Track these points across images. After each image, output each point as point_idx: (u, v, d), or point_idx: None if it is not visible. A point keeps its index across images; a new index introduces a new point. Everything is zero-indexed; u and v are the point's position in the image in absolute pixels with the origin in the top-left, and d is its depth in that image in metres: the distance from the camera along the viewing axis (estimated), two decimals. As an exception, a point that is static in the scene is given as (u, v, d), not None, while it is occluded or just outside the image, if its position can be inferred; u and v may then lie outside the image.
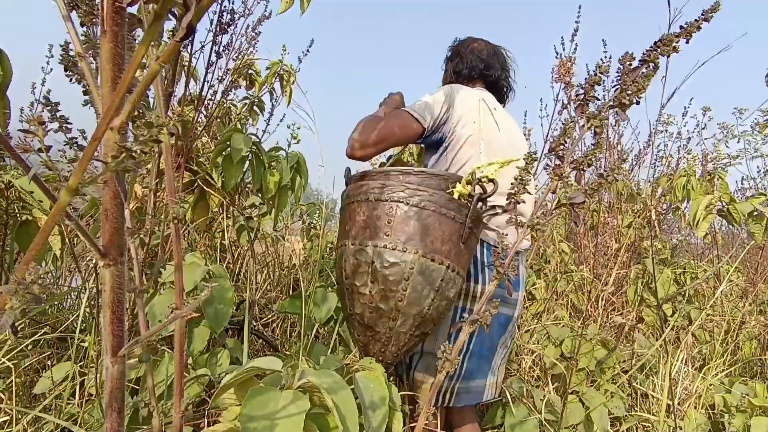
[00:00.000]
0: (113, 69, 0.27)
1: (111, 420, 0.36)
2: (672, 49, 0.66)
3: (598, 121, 0.67)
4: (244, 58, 1.86)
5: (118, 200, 0.30)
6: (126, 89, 0.23)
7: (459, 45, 1.41)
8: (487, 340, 1.28)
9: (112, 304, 0.33)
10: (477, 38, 1.41)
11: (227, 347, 1.42)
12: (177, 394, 0.48)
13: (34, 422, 1.11)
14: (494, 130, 1.26)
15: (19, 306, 0.25)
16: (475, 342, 1.26)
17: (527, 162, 0.77)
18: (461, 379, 1.25)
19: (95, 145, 0.24)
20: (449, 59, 1.42)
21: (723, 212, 1.88)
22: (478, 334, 1.24)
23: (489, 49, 1.38)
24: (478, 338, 1.26)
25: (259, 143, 1.54)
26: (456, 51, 1.40)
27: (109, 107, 0.23)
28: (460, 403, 1.26)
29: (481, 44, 1.38)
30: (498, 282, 0.69)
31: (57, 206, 0.24)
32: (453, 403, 1.25)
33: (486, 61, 1.36)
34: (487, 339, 1.28)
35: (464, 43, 1.40)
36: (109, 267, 0.32)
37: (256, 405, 0.53)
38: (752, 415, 1.76)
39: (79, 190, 0.24)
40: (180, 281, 0.48)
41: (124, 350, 0.34)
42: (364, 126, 1.21)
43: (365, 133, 1.19)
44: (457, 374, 1.25)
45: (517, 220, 0.72)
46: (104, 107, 0.27)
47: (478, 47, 1.37)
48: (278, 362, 0.60)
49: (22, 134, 0.25)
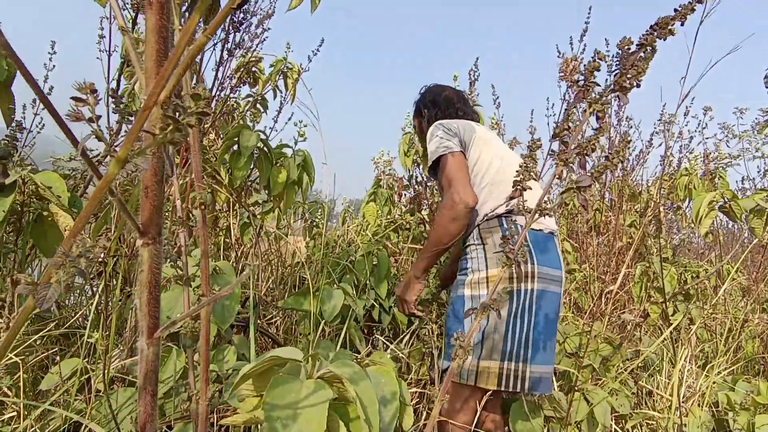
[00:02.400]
0: (158, 41, 0.27)
1: (145, 402, 0.35)
2: (668, 31, 0.66)
3: (600, 105, 0.68)
4: (248, 56, 1.85)
5: (158, 177, 0.30)
6: (178, 59, 0.23)
7: (433, 94, 1.70)
8: (543, 320, 1.32)
9: (149, 284, 0.32)
10: (444, 85, 1.74)
11: (233, 344, 1.42)
12: (203, 381, 0.47)
13: (40, 418, 1.11)
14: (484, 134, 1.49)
15: (66, 279, 0.25)
16: (538, 321, 1.30)
17: (531, 149, 0.77)
18: (532, 363, 1.29)
19: (146, 116, 0.24)
20: (426, 107, 1.68)
21: (725, 208, 1.88)
22: (536, 314, 1.30)
23: (455, 94, 1.71)
24: (537, 317, 1.30)
25: (266, 140, 1.53)
26: (432, 100, 1.68)
27: (160, 76, 0.23)
28: (537, 391, 1.30)
29: (450, 91, 1.71)
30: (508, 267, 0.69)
31: (106, 177, 0.24)
32: (528, 389, 1.29)
33: (455, 105, 1.67)
34: (542, 318, 1.32)
35: (436, 92, 1.70)
36: (147, 246, 0.31)
37: (279, 394, 0.53)
38: (756, 413, 1.76)
39: (128, 160, 0.24)
40: (206, 267, 0.47)
41: (161, 332, 0.34)
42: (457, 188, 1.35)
43: (461, 195, 1.33)
44: (524, 356, 1.28)
45: (524, 206, 0.73)
46: (150, 81, 0.27)
47: (449, 95, 1.68)
48: (298, 352, 0.60)
49: (73, 102, 0.24)
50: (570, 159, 0.59)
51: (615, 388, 1.76)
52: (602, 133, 0.61)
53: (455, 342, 0.64)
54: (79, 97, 0.24)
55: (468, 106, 1.70)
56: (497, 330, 1.28)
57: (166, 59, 0.26)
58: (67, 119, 0.24)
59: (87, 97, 0.25)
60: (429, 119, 1.65)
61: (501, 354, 1.28)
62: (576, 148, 0.60)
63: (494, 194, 1.37)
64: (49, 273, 0.25)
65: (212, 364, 1.23)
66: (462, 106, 1.67)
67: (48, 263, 0.24)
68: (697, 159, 2.89)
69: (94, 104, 0.25)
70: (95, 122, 0.24)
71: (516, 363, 1.28)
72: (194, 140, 0.45)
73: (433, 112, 1.65)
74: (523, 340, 1.29)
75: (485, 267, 1.33)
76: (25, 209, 1.10)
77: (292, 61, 2.08)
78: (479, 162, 1.42)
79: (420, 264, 1.45)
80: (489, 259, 1.33)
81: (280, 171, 1.59)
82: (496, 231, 1.35)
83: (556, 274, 1.36)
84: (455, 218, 1.32)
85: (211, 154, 1.59)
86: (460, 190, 1.33)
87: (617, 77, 0.60)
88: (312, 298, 1.53)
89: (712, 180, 2.77)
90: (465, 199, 1.31)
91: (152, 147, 0.25)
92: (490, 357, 1.28)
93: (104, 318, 1.30)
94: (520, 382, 1.28)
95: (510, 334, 1.28)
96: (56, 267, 0.24)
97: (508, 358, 1.28)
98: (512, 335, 1.28)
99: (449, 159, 1.39)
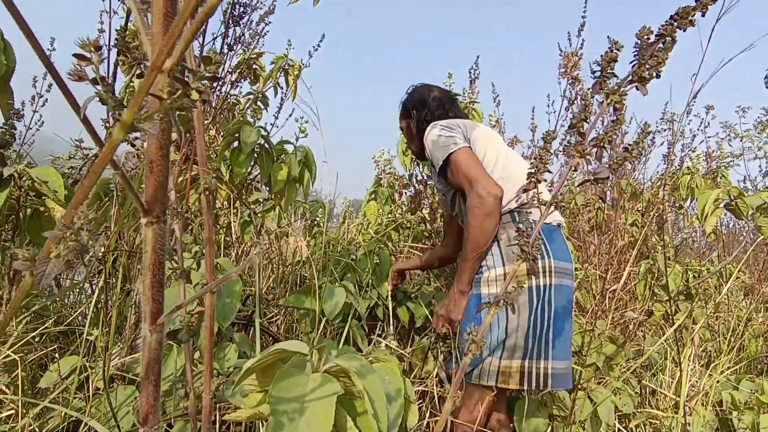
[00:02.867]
0: (166, 4, 0.25)
1: (147, 393, 0.34)
2: (689, 22, 0.65)
3: (617, 96, 0.66)
4: (248, 52, 1.84)
5: (164, 151, 0.28)
6: (189, 14, 0.21)
7: (421, 95, 1.63)
8: (561, 314, 1.30)
9: (153, 266, 0.31)
10: (431, 85, 1.67)
11: (234, 341, 1.40)
12: (207, 374, 0.46)
13: (39, 416, 1.09)
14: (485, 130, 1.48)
15: (66, 254, 0.23)
16: (556, 315, 1.28)
17: (546, 141, 0.76)
18: (553, 360, 1.27)
19: (153, 76, 0.22)
20: (415, 108, 1.61)
21: (731, 206, 1.87)
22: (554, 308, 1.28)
23: (444, 94, 1.65)
24: (556, 312, 1.29)
25: (267, 136, 1.52)
26: (421, 100, 1.61)
27: (170, 34, 0.21)
28: (559, 387, 1.29)
29: (438, 92, 1.64)
30: (522, 261, 0.68)
31: (110, 143, 0.22)
32: (550, 386, 1.27)
33: (445, 106, 1.60)
34: (560, 313, 1.30)
35: (425, 92, 1.63)
36: (151, 225, 0.30)
37: (285, 387, 0.51)
38: (760, 413, 1.75)
39: (134, 126, 0.22)
40: (210, 255, 0.46)
41: (164, 318, 0.32)
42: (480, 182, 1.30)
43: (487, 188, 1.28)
44: (545, 353, 1.27)
45: (539, 198, 0.71)
46: (156, 47, 0.26)
47: (438, 95, 1.61)
48: (304, 346, 0.58)
49: (75, 60, 0.22)
50: (587, 151, 0.57)
51: (618, 387, 1.74)
52: (619, 125, 0.59)
53: (468, 336, 0.62)
54: (82, 55, 0.23)
55: (457, 107, 1.65)
56: (520, 327, 1.26)
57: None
58: (69, 79, 0.22)
59: (91, 56, 0.23)
60: (419, 121, 1.59)
61: (523, 352, 1.26)
62: (593, 139, 0.58)
63: (504, 189, 1.33)
64: (48, 248, 0.23)
65: (213, 362, 1.21)
66: (451, 107, 1.62)
67: (49, 235, 0.22)
68: (700, 158, 2.88)
69: (98, 63, 0.23)
70: (99, 84, 0.23)
71: (537, 360, 1.26)
72: (199, 122, 0.43)
73: (423, 113, 1.59)
74: (544, 337, 1.27)
75: (501, 263, 1.31)
76: (22, 204, 1.09)
77: (293, 58, 2.07)
78: (486, 157, 1.37)
79: (464, 277, 1.34)
80: (505, 255, 1.31)
81: (281, 168, 1.57)
82: (510, 226, 1.32)
83: (568, 267, 1.34)
84: (489, 213, 1.26)
85: (211, 150, 1.57)
86: (484, 184, 1.26)
87: (636, 67, 0.58)
88: (314, 296, 1.51)
89: (713, 179, 2.76)
90: (492, 191, 1.25)
91: (160, 111, 0.23)
92: (512, 356, 1.26)
93: (104, 315, 1.28)
94: (543, 379, 1.26)
95: (531, 331, 1.26)
96: (56, 241, 0.23)
97: (529, 356, 1.26)
98: (533, 333, 1.26)
99: (459, 156, 1.33)
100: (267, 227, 2.10)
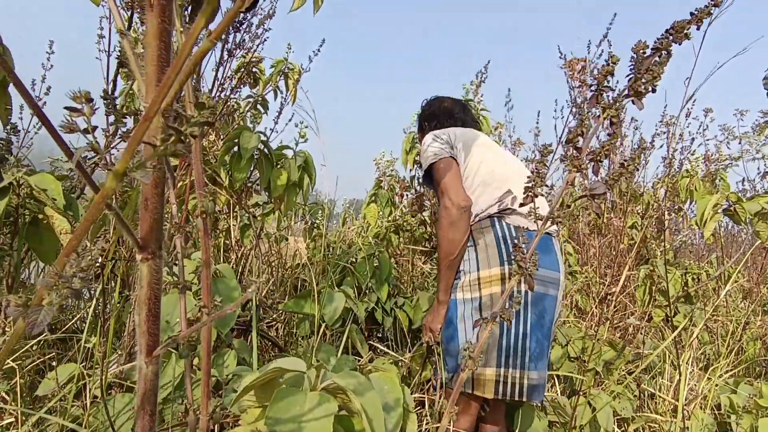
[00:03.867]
0: (160, 46, 0.25)
1: (143, 423, 0.34)
2: (684, 35, 0.64)
3: (614, 110, 0.66)
4: (248, 56, 1.84)
5: (159, 189, 0.28)
6: (181, 65, 0.21)
7: (431, 107, 1.69)
8: (539, 324, 1.29)
9: (149, 300, 0.31)
10: (443, 97, 1.73)
11: (233, 348, 1.40)
12: (204, 395, 0.46)
13: (37, 424, 1.09)
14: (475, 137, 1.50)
15: (58, 302, 0.23)
16: (534, 325, 1.27)
17: (543, 154, 0.76)
18: (529, 370, 1.26)
19: (146, 127, 0.22)
20: (427, 120, 1.67)
21: (729, 211, 1.87)
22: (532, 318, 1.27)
23: (455, 104, 1.69)
24: (533, 322, 1.27)
25: (267, 141, 1.52)
26: (431, 113, 1.68)
27: (162, 85, 0.21)
28: (532, 399, 1.28)
29: (449, 102, 1.69)
30: (517, 278, 0.68)
31: (103, 192, 0.22)
32: (526, 397, 1.26)
33: (454, 115, 1.65)
34: (539, 323, 1.29)
35: (435, 105, 1.69)
36: (147, 261, 0.29)
37: (282, 407, 0.51)
38: (759, 416, 1.75)
39: (126, 174, 0.22)
40: (207, 278, 0.46)
41: (160, 350, 0.32)
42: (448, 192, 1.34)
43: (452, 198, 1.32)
44: (521, 362, 1.26)
45: (536, 212, 0.71)
46: (150, 87, 0.25)
47: (447, 106, 1.67)
48: (302, 363, 0.58)
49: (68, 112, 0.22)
50: (583, 165, 0.57)
51: (617, 391, 1.75)
52: (616, 138, 0.59)
53: (464, 352, 0.63)
54: (73, 107, 0.23)
55: (468, 114, 1.69)
56: (491, 334, 1.25)
57: (167, 65, 0.24)
58: (61, 130, 0.22)
59: (82, 107, 0.23)
60: (428, 132, 1.62)
61: (496, 360, 1.25)
62: (589, 154, 0.58)
63: (486, 194, 1.35)
64: (40, 294, 0.23)
65: (212, 369, 1.21)
66: (462, 115, 1.66)
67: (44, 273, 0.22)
68: (698, 160, 2.87)
69: (90, 114, 0.23)
70: (91, 133, 0.23)
71: (513, 369, 1.25)
72: (196, 146, 0.43)
73: (433, 124, 1.65)
74: (519, 346, 1.26)
75: (476, 268, 1.31)
76: (21, 212, 1.08)
77: (293, 62, 2.06)
78: (470, 163, 1.40)
79: (440, 285, 1.37)
80: (481, 261, 1.30)
81: (280, 173, 1.57)
82: (488, 231, 1.32)
83: (553, 277, 1.32)
84: (452, 223, 1.29)
85: (211, 155, 1.57)
86: (451, 194, 1.31)
87: (631, 82, 0.58)
88: (313, 301, 1.51)
89: (712, 181, 2.76)
90: (456, 201, 1.30)
91: (153, 159, 0.23)
92: (486, 364, 1.25)
93: (102, 322, 1.28)
94: (517, 389, 1.25)
95: (504, 338, 1.25)
96: (48, 288, 0.23)
97: (504, 365, 1.25)
98: (506, 340, 1.25)
99: (438, 165, 1.39)
100: (266, 231, 2.10)
